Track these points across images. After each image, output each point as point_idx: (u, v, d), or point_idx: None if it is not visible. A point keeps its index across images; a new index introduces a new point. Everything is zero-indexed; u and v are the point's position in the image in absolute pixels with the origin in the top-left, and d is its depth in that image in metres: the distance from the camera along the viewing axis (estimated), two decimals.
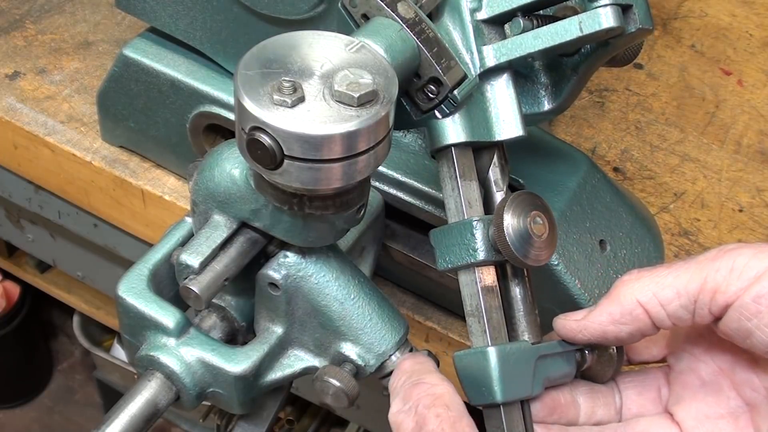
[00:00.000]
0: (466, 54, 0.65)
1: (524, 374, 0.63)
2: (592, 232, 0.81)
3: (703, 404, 0.65)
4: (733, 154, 1.08)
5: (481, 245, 0.62)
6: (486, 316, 0.63)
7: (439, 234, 0.65)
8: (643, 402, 0.68)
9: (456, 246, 0.63)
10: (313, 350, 0.69)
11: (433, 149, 0.66)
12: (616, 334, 0.62)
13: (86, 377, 2.17)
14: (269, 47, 0.57)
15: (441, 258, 0.65)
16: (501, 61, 0.64)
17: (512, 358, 0.62)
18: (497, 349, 0.61)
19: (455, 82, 0.63)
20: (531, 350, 0.63)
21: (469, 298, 0.64)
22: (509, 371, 0.62)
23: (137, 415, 0.65)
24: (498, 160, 0.66)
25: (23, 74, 1.05)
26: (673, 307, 0.60)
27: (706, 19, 1.25)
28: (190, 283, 0.63)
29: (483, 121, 0.65)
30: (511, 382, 0.62)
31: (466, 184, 0.64)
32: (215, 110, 0.85)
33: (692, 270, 0.59)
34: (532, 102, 0.72)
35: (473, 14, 0.65)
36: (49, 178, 1.04)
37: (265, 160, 0.54)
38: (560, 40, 0.63)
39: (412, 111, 0.64)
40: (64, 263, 1.42)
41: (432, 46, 0.62)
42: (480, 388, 0.62)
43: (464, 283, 0.64)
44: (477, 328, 0.63)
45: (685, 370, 0.66)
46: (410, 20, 0.61)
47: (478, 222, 0.63)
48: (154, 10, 0.86)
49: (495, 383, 0.61)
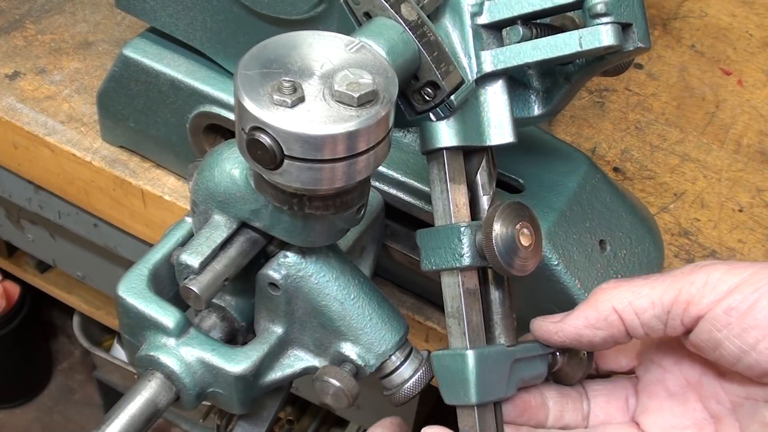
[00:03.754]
0: (464, 58, 0.65)
1: (500, 377, 0.64)
2: (592, 232, 0.81)
3: (670, 415, 0.66)
4: (733, 154, 1.08)
5: (467, 251, 0.63)
6: (466, 319, 0.64)
7: (426, 235, 0.66)
8: (611, 410, 0.70)
9: (442, 249, 0.64)
10: (313, 350, 0.69)
11: (424, 150, 0.66)
12: (590, 339, 0.64)
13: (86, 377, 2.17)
14: (269, 47, 0.57)
15: (426, 259, 0.66)
16: (498, 68, 0.65)
17: (489, 361, 0.64)
18: (475, 353, 0.63)
19: (453, 87, 0.63)
20: (507, 354, 0.65)
21: (451, 300, 0.65)
22: (486, 374, 0.63)
23: (137, 415, 0.65)
24: (486, 164, 0.67)
25: (23, 74, 1.05)
26: (647, 316, 0.62)
27: (706, 19, 1.25)
28: (190, 283, 0.63)
29: (475, 126, 0.66)
30: (487, 385, 0.63)
31: (455, 188, 0.65)
32: (215, 110, 0.85)
33: (668, 282, 0.61)
34: (522, 106, 0.73)
35: (474, 18, 0.65)
36: (49, 178, 1.04)
37: (265, 160, 0.54)
38: (559, 53, 0.63)
39: (406, 111, 0.65)
40: (64, 263, 1.42)
41: (432, 50, 0.62)
42: (456, 388, 0.64)
43: (447, 284, 0.65)
44: (456, 329, 0.64)
45: (653, 381, 0.68)
46: (413, 23, 0.61)
47: (466, 228, 0.63)
48: (154, 10, 0.86)
49: (471, 386, 0.63)
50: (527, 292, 0.79)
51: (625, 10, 0.63)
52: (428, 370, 0.68)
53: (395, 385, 0.68)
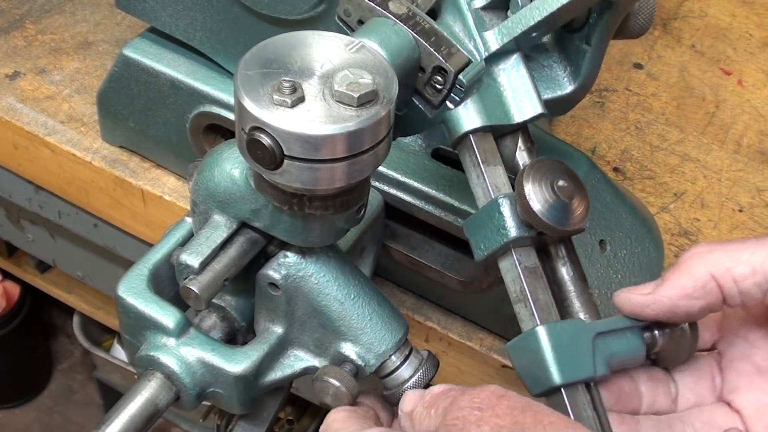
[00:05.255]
0: (469, 42, 0.64)
1: (583, 353, 0.58)
2: (592, 232, 0.81)
3: (762, 392, 0.62)
4: (733, 154, 1.08)
5: (511, 222, 0.59)
6: (531, 298, 0.59)
7: (471, 223, 0.62)
8: (700, 391, 0.64)
9: (487, 229, 0.61)
10: (313, 350, 0.69)
11: (452, 142, 0.64)
12: (686, 310, 0.58)
13: (86, 377, 2.17)
14: (269, 47, 0.57)
15: (476, 247, 0.62)
16: (504, 42, 0.63)
17: (565, 336, 0.57)
18: (546, 327, 0.57)
19: (459, 67, 0.62)
20: (586, 327, 0.59)
21: (512, 283, 0.60)
22: (564, 350, 0.57)
23: (137, 415, 0.65)
24: (524, 143, 0.64)
25: (23, 74, 1.05)
26: (747, 284, 0.57)
27: (706, 19, 1.25)
28: (190, 283, 0.63)
29: (498, 105, 0.63)
30: (569, 362, 0.57)
31: (491, 170, 0.62)
32: (215, 110, 0.85)
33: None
34: (554, 86, 0.70)
35: (470, 3, 0.65)
36: (49, 178, 1.04)
37: (265, 160, 0.54)
38: (557, 4, 0.61)
39: (425, 109, 0.63)
40: (64, 263, 1.42)
41: (429, 36, 0.62)
42: (537, 374, 0.57)
43: (505, 269, 0.61)
44: (525, 313, 0.59)
45: (739, 356, 0.63)
46: (403, 15, 0.61)
47: (503, 199, 0.60)
48: (154, 10, 0.86)
49: (550, 364, 0.56)
50: None
51: None
52: (428, 370, 0.68)
53: (395, 385, 0.68)
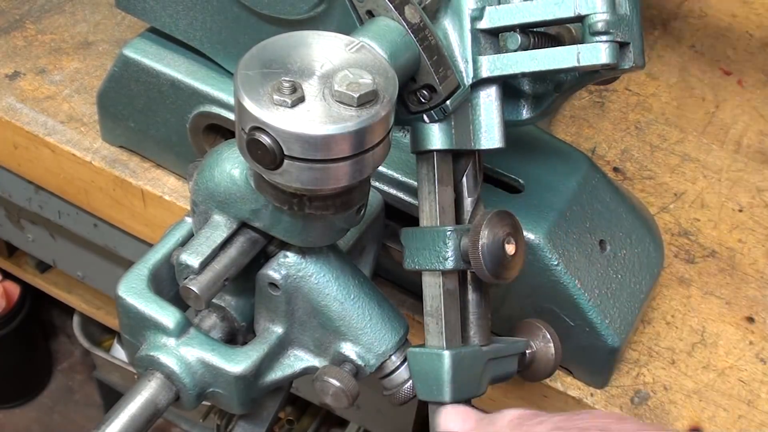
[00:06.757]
0: (462, 62, 0.65)
1: (473, 378, 0.65)
2: (592, 232, 0.81)
3: None
4: (733, 154, 1.08)
5: (451, 255, 0.64)
6: (444, 318, 0.65)
7: (411, 235, 0.66)
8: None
9: (426, 251, 0.65)
10: (313, 350, 0.69)
11: (414, 150, 0.67)
12: None
13: (86, 377, 2.17)
14: (269, 47, 0.57)
15: (409, 258, 0.66)
16: (494, 74, 0.65)
17: (465, 362, 0.65)
18: (452, 354, 0.64)
19: (449, 92, 0.63)
20: (482, 354, 0.66)
21: (431, 299, 0.66)
22: (460, 374, 0.64)
23: (137, 415, 0.65)
24: (472, 168, 0.68)
25: (23, 74, 1.05)
26: None
27: (706, 19, 1.25)
28: (190, 283, 0.63)
29: (466, 130, 0.66)
30: (461, 384, 0.64)
31: (443, 190, 0.66)
32: (215, 110, 0.85)
33: None
34: (511, 109, 0.73)
35: (474, 22, 0.65)
36: (49, 178, 1.04)
37: (265, 160, 0.54)
38: (556, 66, 0.64)
39: (399, 110, 0.65)
40: (64, 263, 1.42)
41: (432, 54, 0.62)
42: (431, 386, 0.65)
43: (428, 284, 0.66)
44: (434, 328, 0.65)
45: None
46: (415, 25, 0.61)
47: (451, 232, 0.64)
48: (154, 10, 0.86)
49: (446, 385, 0.64)
50: (527, 292, 0.79)
51: (624, 29, 0.63)
52: None
53: (395, 385, 0.68)
